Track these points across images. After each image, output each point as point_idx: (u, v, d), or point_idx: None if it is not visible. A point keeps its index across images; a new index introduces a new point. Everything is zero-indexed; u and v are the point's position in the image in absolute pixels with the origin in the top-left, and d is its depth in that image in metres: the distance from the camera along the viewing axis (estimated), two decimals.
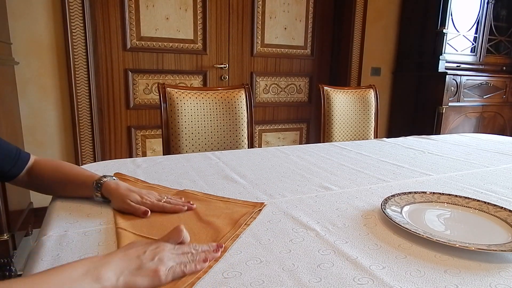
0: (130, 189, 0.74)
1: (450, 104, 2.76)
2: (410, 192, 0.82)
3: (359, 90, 2.04)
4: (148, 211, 0.69)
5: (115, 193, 0.73)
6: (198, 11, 2.52)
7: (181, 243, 0.54)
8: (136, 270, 0.45)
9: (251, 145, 1.66)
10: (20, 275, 0.40)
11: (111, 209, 0.73)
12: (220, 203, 0.78)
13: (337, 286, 0.49)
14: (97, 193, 0.74)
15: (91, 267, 0.43)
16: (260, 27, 2.74)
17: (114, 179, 0.77)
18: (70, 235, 0.62)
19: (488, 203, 0.76)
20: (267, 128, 2.96)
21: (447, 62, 2.80)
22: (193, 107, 1.53)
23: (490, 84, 2.97)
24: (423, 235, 0.61)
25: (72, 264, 0.43)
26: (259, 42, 2.76)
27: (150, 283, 0.45)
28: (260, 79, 2.85)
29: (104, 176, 0.76)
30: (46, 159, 0.82)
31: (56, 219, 0.69)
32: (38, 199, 2.22)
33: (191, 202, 0.75)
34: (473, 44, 3.00)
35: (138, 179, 0.92)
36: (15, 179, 0.78)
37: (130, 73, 2.44)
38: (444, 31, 2.72)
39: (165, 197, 0.75)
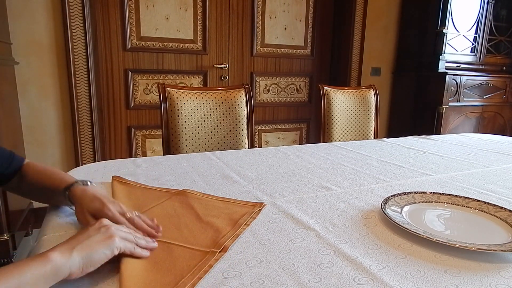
0: (94, 196, 0.62)
1: (450, 104, 2.76)
2: (410, 192, 0.82)
3: (359, 90, 2.04)
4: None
5: (78, 200, 0.64)
6: (198, 11, 2.52)
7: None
8: (88, 241, 0.45)
9: (251, 145, 1.66)
10: None
11: None
12: (219, 203, 0.78)
13: (337, 286, 0.49)
14: (67, 200, 0.66)
15: (41, 253, 0.43)
16: (260, 27, 2.74)
17: (87, 184, 0.68)
18: (70, 235, 0.62)
19: (488, 203, 0.76)
20: (267, 128, 2.96)
21: (447, 62, 2.80)
22: (193, 107, 1.53)
23: (490, 84, 2.97)
24: (423, 235, 0.61)
25: (21, 264, 0.41)
26: (259, 42, 2.76)
27: (106, 249, 0.46)
28: (260, 79, 2.85)
29: (77, 181, 0.67)
30: (36, 163, 0.76)
31: (56, 219, 0.69)
32: None
33: (159, 229, 0.62)
34: (473, 44, 3.00)
35: (137, 182, 0.92)
36: (8, 184, 0.74)
37: (130, 73, 2.44)
38: (444, 31, 2.72)
39: (132, 214, 0.62)
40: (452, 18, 2.79)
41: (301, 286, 0.49)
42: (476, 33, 2.97)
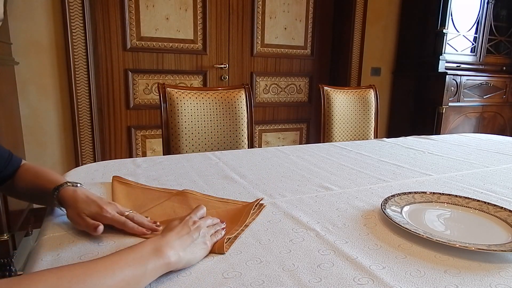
0: (89, 198, 0.64)
1: (450, 104, 2.76)
2: (410, 192, 0.82)
3: (359, 90, 2.04)
4: (100, 227, 0.59)
5: (71, 202, 0.63)
6: (198, 11, 2.52)
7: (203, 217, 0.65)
8: (191, 245, 0.55)
9: (251, 145, 1.66)
10: (19, 276, 0.39)
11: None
12: (219, 204, 0.78)
13: (337, 286, 0.49)
14: (55, 201, 0.66)
15: (155, 246, 0.51)
16: (260, 27, 2.74)
17: (77, 185, 0.68)
18: (70, 235, 0.62)
19: (488, 203, 0.76)
20: (267, 128, 2.96)
21: (447, 62, 2.80)
22: (193, 107, 1.53)
23: (490, 84, 2.97)
24: (423, 235, 0.61)
25: (139, 245, 0.50)
26: (259, 42, 2.76)
27: (203, 252, 0.56)
28: (260, 79, 2.84)
29: (67, 183, 0.67)
30: (32, 164, 0.75)
31: (56, 219, 0.69)
32: None
33: (158, 224, 0.65)
34: (473, 44, 3.00)
35: (137, 182, 0.92)
36: (5, 185, 0.73)
37: (130, 73, 2.44)
38: (444, 31, 2.71)
39: (129, 212, 0.65)
40: (452, 18, 2.79)
41: (301, 286, 0.49)
42: (476, 33, 2.97)
